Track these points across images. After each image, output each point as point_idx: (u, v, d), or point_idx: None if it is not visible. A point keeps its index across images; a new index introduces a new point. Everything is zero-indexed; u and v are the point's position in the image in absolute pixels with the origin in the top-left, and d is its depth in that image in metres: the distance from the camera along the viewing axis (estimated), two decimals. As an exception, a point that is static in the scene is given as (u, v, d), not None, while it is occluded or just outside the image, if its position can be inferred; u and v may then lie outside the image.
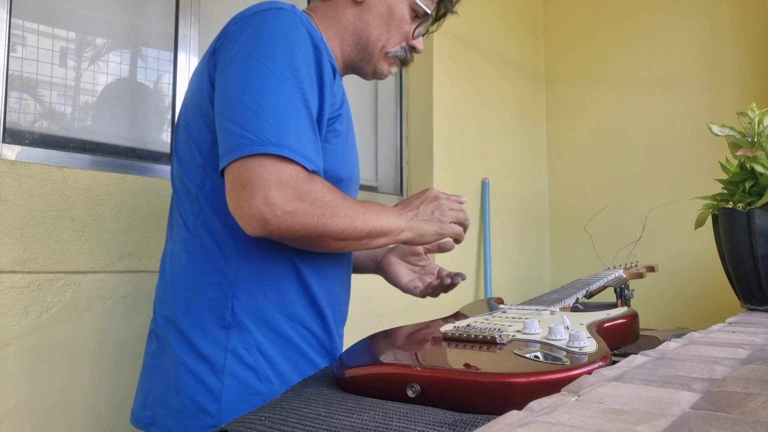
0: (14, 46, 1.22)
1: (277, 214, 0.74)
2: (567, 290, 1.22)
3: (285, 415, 0.58)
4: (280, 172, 0.74)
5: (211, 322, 0.83)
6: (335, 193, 0.80)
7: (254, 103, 0.76)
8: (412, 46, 1.04)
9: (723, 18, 2.30)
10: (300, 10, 0.87)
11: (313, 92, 0.81)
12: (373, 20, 0.99)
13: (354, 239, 0.83)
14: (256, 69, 0.78)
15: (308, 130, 0.79)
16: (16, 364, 1.05)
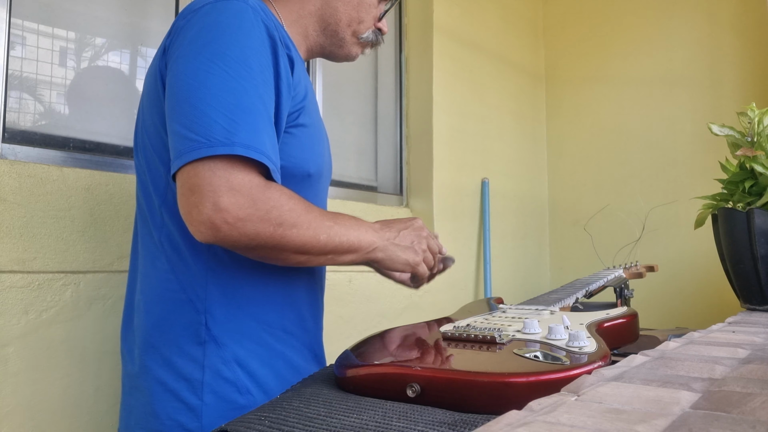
0: (14, 45, 1.22)
1: (228, 220, 0.69)
2: (567, 290, 1.22)
3: (285, 415, 0.58)
4: (232, 177, 0.69)
5: (186, 339, 0.80)
6: (297, 201, 0.76)
7: (202, 102, 0.71)
8: (379, 29, 1.02)
9: (723, 18, 2.30)
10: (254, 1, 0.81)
11: (269, 87, 0.77)
12: (342, 6, 0.96)
13: (317, 254, 0.79)
14: (205, 66, 0.73)
15: (266, 125, 0.74)
16: (16, 364, 1.05)
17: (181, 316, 0.81)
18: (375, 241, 0.85)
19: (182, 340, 0.80)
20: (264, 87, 0.76)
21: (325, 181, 0.95)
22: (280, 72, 0.79)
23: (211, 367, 0.80)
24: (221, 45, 0.74)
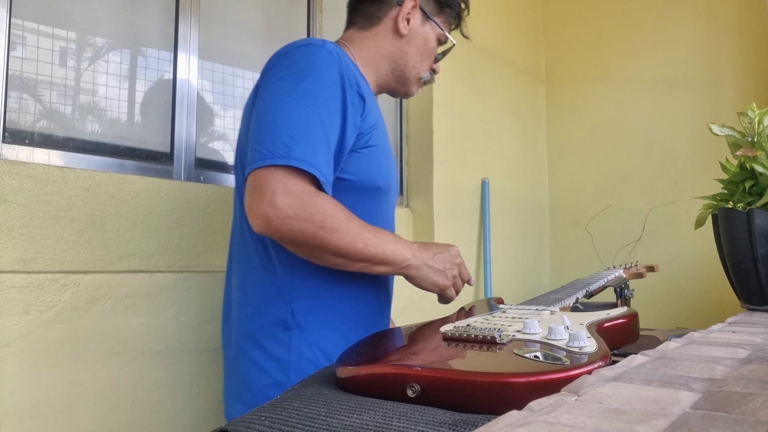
0: (14, 46, 1.22)
1: (280, 216, 0.83)
2: (567, 290, 1.22)
3: (285, 415, 0.58)
4: (287, 182, 0.84)
5: (276, 326, 0.95)
6: (341, 210, 0.88)
7: (273, 124, 0.87)
8: (433, 69, 1.20)
9: (723, 18, 2.30)
10: (331, 42, 0.99)
11: (333, 116, 0.91)
12: (412, 51, 1.14)
13: (352, 260, 0.91)
14: (281, 97, 0.90)
15: (322, 146, 0.88)
16: (16, 364, 1.05)
17: (272, 307, 0.96)
18: (410, 258, 0.96)
19: (273, 327, 0.95)
20: (327, 116, 0.90)
21: (393, 195, 1.09)
22: (346, 104, 0.93)
23: (296, 349, 0.94)
24: (296, 80, 0.91)
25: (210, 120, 1.58)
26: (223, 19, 1.61)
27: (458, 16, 1.19)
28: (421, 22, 1.14)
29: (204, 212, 1.35)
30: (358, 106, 0.97)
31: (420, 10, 1.14)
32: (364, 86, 1.00)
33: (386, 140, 1.08)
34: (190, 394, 1.28)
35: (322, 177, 0.86)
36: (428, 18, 1.15)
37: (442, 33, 1.16)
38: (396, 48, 1.13)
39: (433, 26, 1.16)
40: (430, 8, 1.15)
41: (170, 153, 1.44)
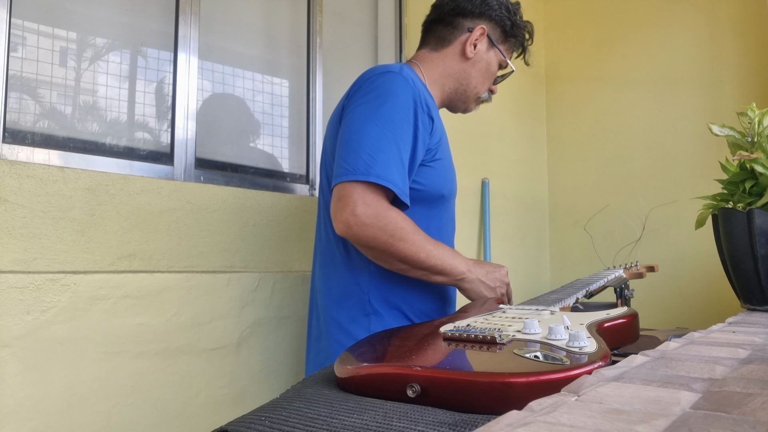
0: (14, 46, 1.22)
1: (358, 224, 0.99)
2: (567, 290, 1.22)
3: (285, 415, 0.58)
4: (366, 195, 1.00)
5: (357, 312, 1.12)
6: (409, 224, 1.04)
7: (356, 144, 1.03)
8: (491, 90, 1.35)
9: (723, 18, 2.30)
10: (407, 67, 1.15)
11: (406, 137, 1.07)
12: (475, 73, 1.28)
13: (414, 267, 1.06)
14: (363, 120, 1.06)
15: (397, 162, 1.03)
16: (16, 364, 1.05)
17: (353, 295, 1.13)
18: (465, 272, 1.11)
19: (354, 312, 1.12)
20: (401, 136, 1.05)
21: (454, 200, 1.28)
22: (417, 126, 1.09)
23: (373, 331, 1.08)
24: (376, 105, 1.07)
25: (210, 120, 1.58)
26: (223, 19, 1.61)
27: (522, 46, 1.36)
28: (486, 48, 1.28)
29: (204, 212, 1.35)
30: (428, 126, 1.12)
31: (487, 37, 1.28)
32: (432, 106, 1.16)
33: (448, 152, 1.24)
34: (190, 394, 1.28)
35: (398, 190, 1.02)
36: (493, 45, 1.29)
37: (504, 59, 1.31)
38: (461, 69, 1.28)
39: (497, 53, 1.30)
40: (497, 36, 1.30)
41: (170, 153, 1.44)
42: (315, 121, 1.79)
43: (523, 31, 1.34)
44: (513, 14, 1.32)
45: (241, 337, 1.37)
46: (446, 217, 1.23)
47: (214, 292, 1.33)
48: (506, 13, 1.30)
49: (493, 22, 1.29)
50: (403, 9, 2.15)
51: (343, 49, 1.96)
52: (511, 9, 1.31)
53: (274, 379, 1.43)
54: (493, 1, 1.29)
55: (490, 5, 1.28)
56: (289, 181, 1.71)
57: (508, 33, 1.31)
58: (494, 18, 1.29)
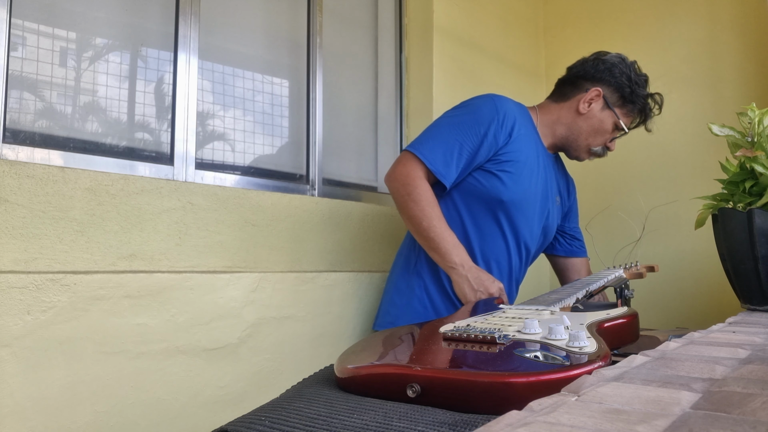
0: (14, 45, 1.22)
1: (391, 176, 1.38)
2: (567, 290, 1.22)
3: (286, 415, 0.58)
4: (409, 160, 1.36)
5: (406, 271, 1.47)
6: (428, 196, 1.33)
7: (426, 131, 1.41)
8: (607, 147, 1.54)
9: (723, 18, 2.30)
10: (505, 99, 1.45)
11: (471, 137, 1.36)
12: (586, 127, 1.50)
13: (416, 230, 1.36)
14: (441, 118, 1.43)
15: (447, 151, 1.35)
16: (16, 364, 1.05)
17: (408, 259, 1.48)
18: (457, 265, 1.33)
19: (404, 270, 1.47)
20: (465, 136, 1.36)
21: (515, 209, 1.43)
22: (488, 135, 1.37)
23: (413, 286, 1.44)
24: (455, 113, 1.43)
25: (210, 120, 1.58)
26: (223, 19, 1.61)
27: (642, 112, 1.50)
28: (601, 108, 1.48)
29: (204, 212, 1.35)
30: (500, 139, 1.38)
31: (603, 99, 1.48)
32: (522, 132, 1.43)
33: (526, 171, 1.43)
34: (190, 394, 1.28)
35: (434, 168, 1.33)
36: (608, 107, 1.48)
37: (618, 121, 1.48)
38: (573, 121, 1.51)
39: (611, 114, 1.48)
40: (614, 100, 1.48)
41: (170, 153, 1.44)
42: (315, 121, 1.79)
43: (643, 99, 1.49)
44: (634, 83, 1.47)
45: (241, 337, 1.37)
46: (511, 225, 1.44)
47: (214, 292, 1.33)
48: (626, 81, 1.47)
49: (612, 87, 1.48)
50: (403, 9, 2.15)
51: (343, 49, 1.96)
52: (633, 79, 1.48)
53: (274, 379, 1.43)
54: (617, 70, 1.48)
55: (612, 73, 1.48)
56: (289, 181, 1.71)
57: (626, 99, 1.48)
58: (613, 84, 1.48)
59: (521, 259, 1.53)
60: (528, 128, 1.47)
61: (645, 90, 1.50)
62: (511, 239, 1.46)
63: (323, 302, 1.57)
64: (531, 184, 1.46)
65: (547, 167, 1.54)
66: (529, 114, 1.52)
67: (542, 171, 1.51)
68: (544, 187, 1.52)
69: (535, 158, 1.47)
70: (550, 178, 1.56)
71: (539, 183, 1.49)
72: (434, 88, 2.07)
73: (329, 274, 1.58)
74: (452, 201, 1.43)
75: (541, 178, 1.50)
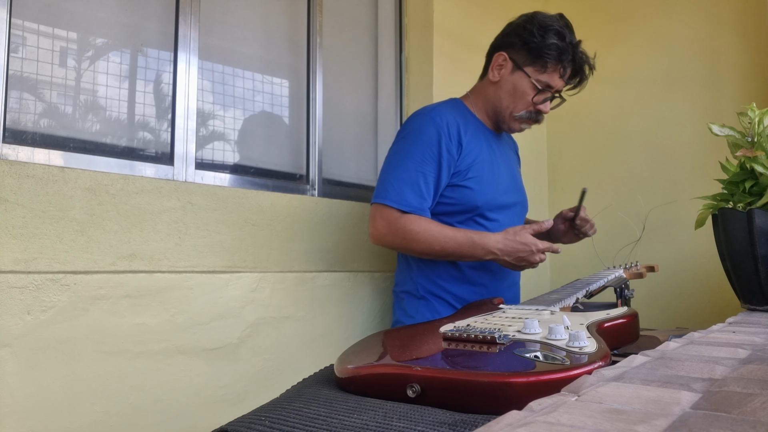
0: (14, 46, 1.22)
1: (376, 234, 1.35)
2: (567, 290, 1.22)
3: (285, 415, 0.58)
4: (382, 212, 1.34)
5: (409, 296, 1.46)
6: (421, 226, 1.31)
7: (383, 174, 1.38)
8: (538, 110, 1.44)
9: (723, 18, 2.30)
10: (439, 109, 1.42)
11: (428, 163, 1.35)
12: (503, 95, 1.44)
13: (436, 257, 1.37)
14: (391, 156, 1.40)
15: (413, 186, 1.33)
16: (16, 364, 1.05)
17: (407, 283, 1.47)
18: (489, 255, 1.32)
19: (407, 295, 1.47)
20: (422, 165, 1.35)
21: (498, 209, 1.45)
22: (442, 155, 1.36)
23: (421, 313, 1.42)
24: (402, 144, 1.40)
25: (210, 120, 1.58)
26: (223, 19, 1.61)
27: (561, 62, 1.38)
28: (510, 71, 1.42)
29: (204, 212, 1.35)
30: (454, 153, 1.37)
31: (511, 61, 1.41)
32: (469, 132, 1.41)
33: (488, 169, 1.43)
34: (190, 394, 1.28)
35: (408, 207, 1.32)
36: (518, 68, 1.41)
37: (536, 79, 1.39)
38: (492, 93, 1.46)
39: (522, 74, 1.40)
40: (522, 59, 1.40)
41: (170, 153, 1.44)
42: (315, 121, 1.79)
43: (556, 49, 1.37)
44: (539, 37, 1.37)
45: (241, 337, 1.37)
46: (494, 223, 1.43)
47: (214, 292, 1.33)
48: (530, 36, 1.38)
49: (517, 47, 1.41)
50: (403, 9, 2.15)
51: (343, 49, 1.96)
52: (537, 33, 1.37)
53: (274, 379, 1.43)
54: (521, 29, 1.40)
55: (516, 33, 1.41)
56: (289, 181, 1.71)
57: (534, 54, 1.38)
58: (517, 43, 1.40)
59: None
60: (469, 122, 1.46)
61: (557, 39, 1.38)
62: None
63: (323, 302, 1.57)
64: (497, 175, 1.46)
65: (501, 147, 1.54)
66: (464, 105, 1.51)
67: (499, 154, 1.51)
68: (508, 168, 1.53)
69: (489, 147, 1.47)
70: (507, 155, 1.56)
71: (502, 167, 1.50)
72: (434, 88, 2.07)
73: (329, 274, 1.58)
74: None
75: (503, 161, 1.51)
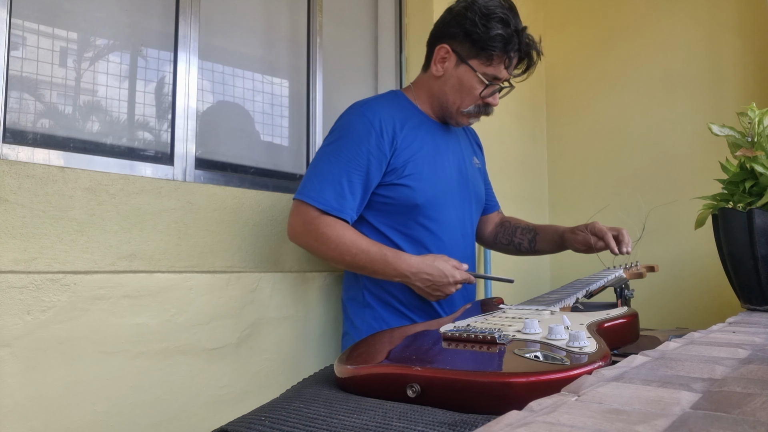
0: (14, 46, 1.22)
1: (291, 233, 1.30)
2: (567, 290, 1.22)
3: (285, 415, 0.58)
4: (299, 209, 1.27)
5: (359, 305, 1.38)
6: (336, 231, 1.24)
7: (309, 171, 1.31)
8: (486, 103, 1.37)
9: (723, 18, 2.30)
10: (373, 103, 1.35)
11: (357, 163, 1.27)
12: (448, 90, 1.36)
13: (348, 267, 1.30)
14: (319, 154, 1.32)
15: (335, 186, 1.25)
16: (16, 364, 1.05)
17: (353, 289, 1.40)
18: (402, 277, 1.25)
19: (354, 303, 1.40)
20: (350, 164, 1.26)
21: (439, 207, 1.36)
22: (371, 152, 1.28)
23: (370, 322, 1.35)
24: (331, 141, 1.32)
25: (210, 120, 1.58)
26: (223, 19, 1.61)
27: (506, 53, 1.29)
28: (455, 65, 1.33)
29: (204, 212, 1.35)
30: (387, 151, 1.29)
31: (454, 54, 1.32)
32: (406, 127, 1.33)
33: (428, 166, 1.35)
34: (190, 394, 1.28)
35: (325, 208, 1.24)
36: (463, 61, 1.32)
37: (482, 72, 1.31)
38: (437, 88, 1.38)
39: (467, 68, 1.32)
40: (466, 51, 1.31)
41: (170, 153, 1.44)
42: (315, 121, 1.79)
43: (502, 40, 1.27)
44: (482, 26, 1.27)
45: (241, 337, 1.37)
46: (438, 222, 1.36)
47: (214, 292, 1.33)
48: (473, 27, 1.28)
49: (460, 39, 1.30)
50: (403, 9, 2.15)
51: (343, 49, 1.96)
52: (480, 22, 1.27)
53: (274, 379, 1.43)
54: (462, 18, 1.30)
55: (458, 22, 1.30)
56: (289, 181, 1.71)
57: (479, 46, 1.29)
58: (460, 35, 1.30)
59: (466, 240, 1.45)
60: (408, 116, 1.37)
61: (502, 27, 1.27)
62: (445, 232, 1.38)
63: (323, 302, 1.57)
64: (439, 171, 1.38)
65: (449, 139, 1.45)
66: (405, 98, 1.42)
67: (446, 148, 1.42)
68: (457, 161, 1.44)
69: (432, 141, 1.39)
70: (456, 148, 1.47)
71: (448, 162, 1.41)
72: (434, 88, 2.06)
73: (329, 273, 1.58)
74: (370, 224, 1.35)
75: (451, 155, 1.43)
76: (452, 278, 1.25)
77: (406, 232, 1.34)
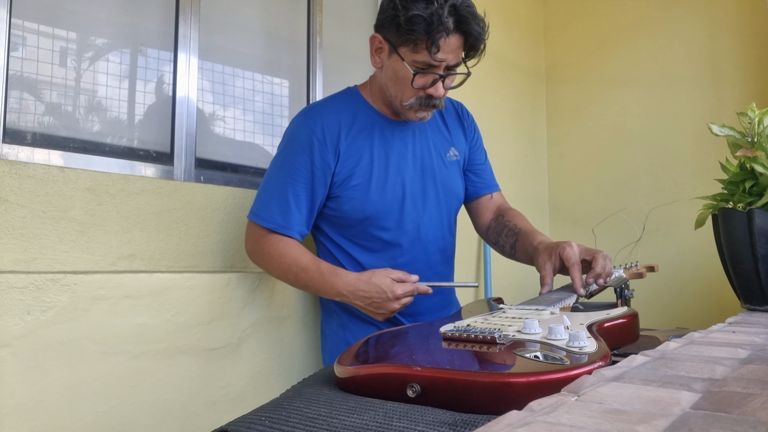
0: (14, 46, 1.22)
1: (247, 252, 1.31)
2: (567, 290, 1.22)
3: (286, 415, 0.58)
4: (250, 229, 1.28)
5: (327, 313, 1.38)
6: (280, 249, 1.22)
7: (261, 185, 1.28)
8: (429, 94, 1.23)
9: (723, 18, 2.30)
10: (317, 109, 1.30)
11: (301, 177, 1.23)
12: (387, 82, 1.26)
13: (294, 286, 1.31)
14: (271, 164, 1.29)
15: (281, 202, 1.23)
16: (16, 364, 1.05)
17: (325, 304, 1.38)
18: (341, 296, 1.21)
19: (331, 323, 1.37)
20: (294, 178, 1.23)
21: (389, 218, 1.29)
22: (315, 163, 1.23)
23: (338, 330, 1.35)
24: (277, 154, 1.29)
25: (210, 120, 1.58)
26: (223, 19, 1.61)
27: (427, 36, 1.13)
28: (388, 55, 1.22)
29: (204, 212, 1.35)
30: (330, 161, 1.24)
31: (387, 43, 1.21)
32: (353, 131, 1.27)
33: (376, 175, 1.27)
34: (190, 394, 1.28)
35: (271, 226, 1.23)
36: (394, 50, 1.20)
37: (411, 60, 1.17)
38: (382, 81, 1.28)
39: (398, 57, 1.19)
40: (394, 39, 1.18)
41: (170, 153, 1.44)
42: (315, 121, 1.79)
43: (425, 20, 1.11)
44: (404, 9, 1.13)
45: (241, 337, 1.37)
46: (395, 230, 1.29)
47: (214, 292, 1.33)
48: (394, 10, 1.15)
49: (388, 26, 1.19)
50: (403, 9, 2.15)
51: (343, 49, 1.96)
52: (399, 5, 1.14)
53: (274, 379, 1.43)
54: (390, 3, 1.17)
55: (384, 7, 1.20)
56: (289, 181, 1.71)
57: (403, 31, 1.14)
58: (387, 22, 1.18)
59: (438, 243, 1.36)
60: (358, 118, 1.28)
61: (423, 6, 1.12)
62: (406, 238, 1.30)
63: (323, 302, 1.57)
64: (393, 175, 1.28)
65: (407, 137, 1.33)
66: (360, 96, 1.33)
67: (402, 148, 1.31)
68: (420, 159, 1.33)
69: (384, 144, 1.29)
70: (421, 144, 1.34)
71: (405, 164, 1.30)
72: (434, 88, 2.06)
73: (329, 274, 1.58)
74: (328, 237, 1.31)
75: (408, 154, 1.31)
76: (391, 293, 1.16)
77: (362, 243, 1.29)
